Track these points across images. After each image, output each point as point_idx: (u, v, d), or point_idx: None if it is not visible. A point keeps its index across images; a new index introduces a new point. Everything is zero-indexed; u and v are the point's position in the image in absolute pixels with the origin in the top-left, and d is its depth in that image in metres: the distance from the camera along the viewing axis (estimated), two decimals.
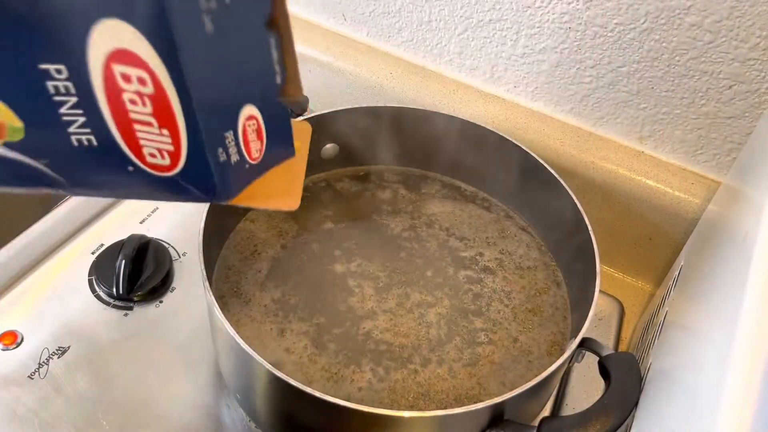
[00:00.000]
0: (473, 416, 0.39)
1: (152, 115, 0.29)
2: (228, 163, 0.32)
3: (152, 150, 0.30)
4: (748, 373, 0.26)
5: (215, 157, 0.31)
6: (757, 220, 0.33)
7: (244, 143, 0.33)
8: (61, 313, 0.54)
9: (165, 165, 0.31)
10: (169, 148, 0.30)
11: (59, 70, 0.28)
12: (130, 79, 0.28)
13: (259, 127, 0.34)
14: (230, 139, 0.32)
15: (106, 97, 0.29)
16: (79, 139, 0.30)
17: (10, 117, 0.29)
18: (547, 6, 0.58)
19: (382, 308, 0.50)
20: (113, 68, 0.28)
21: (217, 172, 0.31)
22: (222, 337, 0.43)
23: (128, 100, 0.29)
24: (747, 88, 0.54)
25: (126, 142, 0.30)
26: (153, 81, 0.28)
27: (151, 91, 0.28)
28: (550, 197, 0.53)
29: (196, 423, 0.49)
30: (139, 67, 0.28)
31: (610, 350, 0.43)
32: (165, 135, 0.30)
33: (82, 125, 0.30)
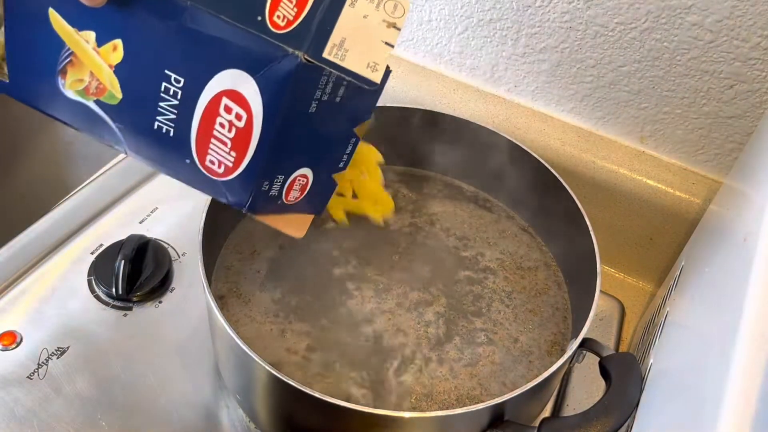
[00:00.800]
0: (474, 417, 0.39)
1: (231, 139, 0.36)
2: (266, 194, 0.38)
3: (214, 159, 0.37)
4: (749, 373, 0.26)
5: (260, 186, 0.38)
6: (759, 220, 0.33)
7: (287, 189, 0.40)
8: (60, 313, 0.54)
9: (217, 172, 0.37)
10: (229, 164, 0.37)
11: (178, 80, 0.35)
12: (230, 111, 0.35)
13: (305, 185, 0.41)
14: (279, 181, 0.39)
15: (203, 112, 0.35)
16: (161, 125, 0.36)
17: (116, 89, 0.36)
18: (547, 5, 0.58)
19: (382, 308, 0.50)
20: (222, 99, 0.35)
21: (254, 196, 0.38)
22: (222, 337, 0.43)
23: (219, 122, 0.35)
24: (748, 87, 0.54)
25: (197, 145, 0.37)
26: (248, 121, 0.35)
27: (242, 126, 0.35)
28: (551, 197, 0.53)
29: (196, 423, 0.49)
30: (242, 107, 0.35)
31: (610, 351, 0.43)
32: (231, 155, 0.36)
33: (169, 120, 0.36)
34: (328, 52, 0.34)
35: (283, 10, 0.33)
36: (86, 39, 0.35)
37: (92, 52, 0.35)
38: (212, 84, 0.34)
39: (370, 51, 0.35)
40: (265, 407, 0.45)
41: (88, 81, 0.36)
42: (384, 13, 0.36)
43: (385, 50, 0.36)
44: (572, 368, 0.56)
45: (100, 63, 0.35)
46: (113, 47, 0.35)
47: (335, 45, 0.34)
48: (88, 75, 0.36)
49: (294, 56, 0.33)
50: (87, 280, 0.56)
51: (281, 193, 0.39)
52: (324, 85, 0.35)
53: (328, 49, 0.34)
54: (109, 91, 0.36)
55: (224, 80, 0.34)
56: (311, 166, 0.40)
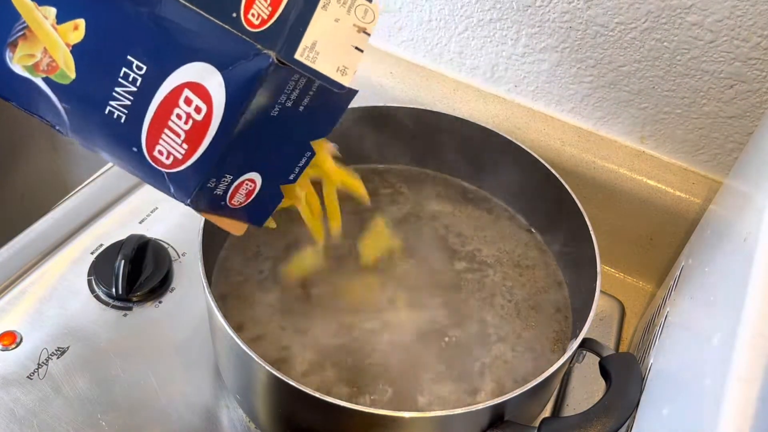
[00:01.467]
0: (474, 417, 0.39)
1: (186, 131, 0.35)
2: (211, 191, 0.38)
3: (163, 150, 0.36)
4: (749, 373, 0.26)
5: (206, 182, 0.37)
6: (759, 220, 0.33)
7: (233, 191, 0.39)
8: (60, 313, 0.54)
9: (164, 163, 0.36)
10: (178, 156, 0.36)
11: (141, 67, 0.34)
12: (190, 104, 0.34)
13: (252, 190, 0.40)
14: (226, 181, 0.38)
15: (161, 102, 0.34)
16: (112, 110, 0.35)
17: (71, 69, 0.35)
18: (547, 5, 0.58)
19: (385, 307, 0.50)
20: (184, 90, 0.34)
21: (198, 191, 0.37)
22: (222, 338, 0.43)
23: (176, 113, 0.35)
24: (748, 87, 0.54)
25: (148, 134, 0.36)
26: (206, 115, 0.34)
27: (200, 119, 0.34)
28: (551, 197, 0.53)
29: (196, 423, 0.49)
30: (204, 100, 0.34)
31: (610, 351, 0.43)
32: (183, 148, 0.36)
33: (123, 106, 0.35)
34: (300, 53, 0.34)
35: (258, 8, 0.33)
36: (45, 15, 0.34)
37: (50, 28, 0.34)
38: (176, 75, 0.34)
39: (341, 55, 0.36)
40: (265, 407, 0.45)
41: (39, 57, 0.35)
42: (355, 17, 0.36)
43: (356, 55, 0.36)
44: (572, 368, 0.56)
45: (57, 40, 0.34)
46: (74, 26, 0.34)
47: (307, 47, 0.34)
48: (41, 51, 0.34)
49: (266, 55, 0.33)
50: (87, 280, 0.56)
51: (226, 195, 0.39)
52: (291, 89, 0.35)
53: (300, 51, 0.34)
54: (62, 69, 0.35)
55: (190, 72, 0.33)
56: (261, 172, 0.39)
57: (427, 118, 0.58)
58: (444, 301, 0.51)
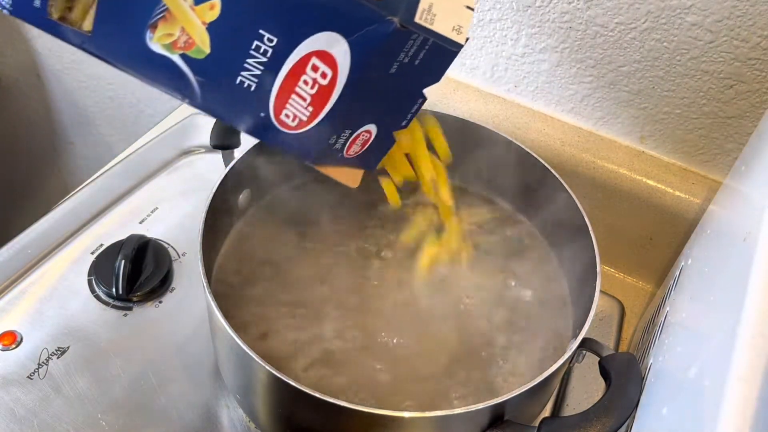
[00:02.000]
0: (473, 416, 0.39)
1: (312, 95, 0.38)
2: (331, 147, 0.41)
3: (290, 113, 0.39)
4: (749, 373, 0.26)
5: (327, 140, 0.40)
6: (758, 220, 0.33)
7: (350, 143, 0.42)
8: (60, 313, 0.54)
9: (290, 125, 0.40)
10: (303, 119, 0.39)
11: (271, 39, 0.37)
12: (317, 70, 0.37)
13: (367, 141, 0.43)
14: (345, 136, 0.41)
15: (290, 70, 0.38)
16: (243, 80, 0.39)
17: (206, 44, 0.38)
18: (547, 5, 0.58)
19: (386, 309, 0.50)
20: (312, 58, 0.37)
21: (320, 150, 0.41)
22: (222, 338, 0.43)
23: (303, 80, 0.38)
24: (748, 87, 0.54)
25: (276, 100, 0.39)
26: (332, 80, 0.38)
27: (325, 83, 0.38)
28: (551, 197, 0.53)
29: (196, 423, 0.49)
30: (330, 67, 0.37)
31: (610, 350, 0.43)
32: (308, 110, 0.39)
33: (254, 75, 0.38)
34: (419, 16, 0.36)
35: None
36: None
37: (188, 9, 0.36)
38: (305, 45, 0.37)
39: (455, 15, 0.38)
40: (265, 407, 0.45)
41: (177, 35, 0.37)
42: None
43: (467, 14, 0.38)
44: (572, 368, 0.56)
45: (194, 20, 0.37)
46: (210, 6, 0.36)
47: (425, 10, 0.36)
48: (179, 30, 0.37)
49: (390, 21, 0.35)
50: (87, 280, 0.56)
51: (344, 147, 0.42)
52: (409, 48, 0.37)
53: (419, 14, 0.36)
54: (197, 46, 0.38)
55: (317, 41, 0.36)
56: (377, 123, 0.42)
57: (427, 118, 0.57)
58: (443, 301, 0.51)
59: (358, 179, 0.46)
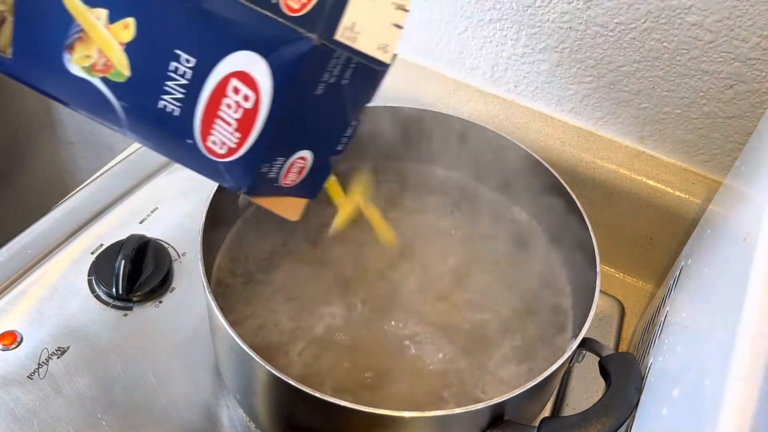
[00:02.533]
0: (473, 416, 0.39)
1: (237, 120, 0.36)
2: (265, 176, 0.38)
3: (217, 139, 0.37)
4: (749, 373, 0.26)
5: (260, 168, 0.38)
6: (758, 220, 0.33)
7: (286, 171, 0.40)
8: (60, 313, 0.54)
9: (219, 153, 0.37)
10: (232, 145, 0.37)
11: (189, 60, 0.35)
12: (238, 92, 0.35)
13: (303, 167, 0.41)
14: (278, 163, 0.39)
15: (211, 93, 0.35)
16: (165, 105, 0.36)
17: (124, 67, 0.36)
18: (547, 5, 0.58)
19: (387, 307, 0.50)
20: (231, 79, 0.35)
21: (254, 178, 0.38)
22: (222, 337, 0.43)
23: (226, 103, 0.35)
24: (748, 87, 0.54)
25: (201, 125, 0.37)
26: (255, 103, 0.35)
27: (249, 107, 0.35)
28: (551, 197, 0.53)
29: (196, 423, 0.49)
30: (251, 88, 0.35)
31: (610, 350, 0.43)
32: (235, 136, 0.36)
33: (176, 99, 0.36)
34: (341, 34, 0.34)
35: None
36: (97, 16, 0.35)
37: (103, 29, 0.35)
38: (223, 65, 0.35)
39: (381, 33, 0.36)
40: (265, 407, 0.45)
41: (95, 58, 0.36)
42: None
43: (395, 32, 0.37)
44: (572, 368, 0.56)
45: (111, 40, 0.35)
46: (125, 25, 0.35)
47: (347, 27, 0.35)
48: (96, 52, 0.36)
49: (308, 39, 0.33)
50: (87, 280, 0.56)
51: (279, 176, 0.39)
52: (333, 66, 0.35)
53: (341, 32, 0.34)
54: (117, 68, 0.36)
55: (235, 61, 0.34)
56: (312, 149, 0.40)
57: (427, 118, 0.58)
58: (443, 300, 0.51)
59: (299, 211, 0.44)
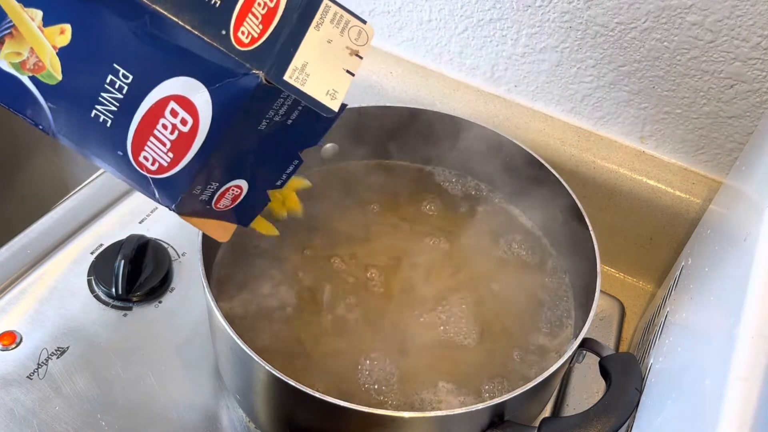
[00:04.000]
0: (474, 416, 0.39)
1: (172, 141, 0.35)
2: (196, 197, 0.38)
3: (149, 156, 0.36)
4: (749, 373, 0.26)
5: (191, 188, 0.37)
6: (759, 220, 0.33)
7: (219, 196, 0.39)
8: (60, 313, 0.54)
9: (150, 169, 0.37)
10: (164, 164, 0.36)
11: (127, 76, 0.34)
12: (176, 115, 0.34)
13: (237, 196, 0.40)
14: (212, 188, 0.38)
15: (147, 111, 0.34)
16: (98, 114, 0.35)
17: (57, 71, 0.34)
18: (547, 5, 0.58)
19: (386, 307, 0.50)
20: (170, 102, 0.34)
21: (183, 198, 0.37)
22: (221, 338, 0.43)
23: (162, 123, 0.35)
24: (748, 87, 0.54)
25: (134, 140, 0.36)
26: (192, 127, 0.34)
27: (185, 131, 0.34)
28: (551, 197, 0.53)
29: (196, 423, 0.49)
30: (190, 113, 0.34)
31: (610, 351, 0.43)
32: (168, 156, 0.35)
33: (109, 111, 0.35)
34: (290, 75, 0.33)
35: (249, 26, 0.33)
36: (32, 16, 0.34)
37: (36, 30, 0.34)
38: (162, 87, 0.34)
39: (332, 78, 0.35)
40: (265, 407, 0.45)
41: (26, 56, 0.35)
42: (348, 39, 0.36)
43: (346, 79, 0.35)
44: (572, 368, 0.56)
45: (44, 42, 0.34)
46: (60, 30, 0.34)
47: (297, 68, 0.34)
48: (28, 50, 0.34)
49: (255, 76, 0.32)
50: (87, 280, 0.56)
51: (211, 200, 0.39)
52: (279, 106, 0.34)
53: (290, 72, 0.33)
54: (48, 70, 0.35)
55: (176, 85, 0.33)
56: (248, 180, 0.39)
57: (427, 118, 0.58)
58: (443, 301, 0.51)
59: (229, 234, 0.42)
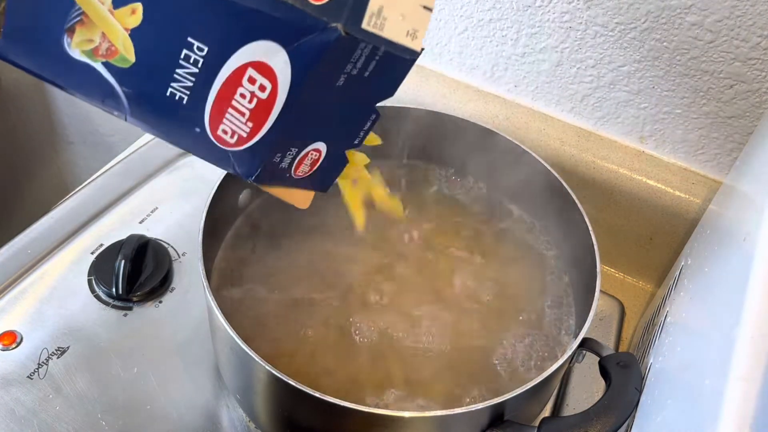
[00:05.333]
0: (473, 416, 0.39)
1: (250, 110, 0.34)
2: (276, 166, 0.37)
3: (227, 129, 0.35)
4: (749, 373, 0.26)
5: (272, 157, 0.36)
6: (758, 220, 0.33)
7: (298, 162, 0.38)
8: (60, 313, 0.54)
9: (228, 142, 0.36)
10: (243, 135, 0.35)
11: (202, 48, 0.33)
12: (254, 83, 0.33)
13: (316, 161, 0.39)
14: (291, 154, 0.37)
15: (224, 82, 0.34)
16: (174, 92, 0.35)
17: (130, 53, 0.34)
18: (547, 5, 0.58)
19: (389, 307, 0.50)
20: (247, 69, 0.33)
21: (264, 168, 0.36)
22: (221, 337, 0.43)
23: (240, 93, 0.34)
24: (748, 87, 0.54)
25: (211, 114, 0.35)
26: (271, 93, 0.33)
27: (264, 97, 0.34)
28: (551, 197, 0.53)
29: (196, 423, 0.49)
30: (269, 79, 0.33)
31: (610, 350, 0.43)
32: (248, 126, 0.35)
33: (185, 87, 0.34)
34: (367, 22, 0.32)
35: None
36: (101, 0, 0.33)
37: (107, 13, 0.33)
38: (239, 55, 0.33)
39: (410, 17, 0.34)
40: (265, 407, 0.45)
41: (98, 42, 0.34)
42: None
43: (425, 15, 0.34)
44: (572, 368, 0.56)
45: (115, 25, 0.33)
46: (131, 11, 0.33)
47: (373, 14, 0.32)
48: (99, 36, 0.34)
49: (333, 29, 0.31)
50: (87, 280, 0.56)
51: (291, 167, 0.38)
52: (357, 58, 0.33)
53: (367, 19, 0.32)
54: (121, 54, 0.34)
55: (253, 51, 0.33)
56: (326, 141, 0.38)
57: (427, 118, 0.58)
58: (443, 300, 0.51)
59: (309, 200, 0.42)
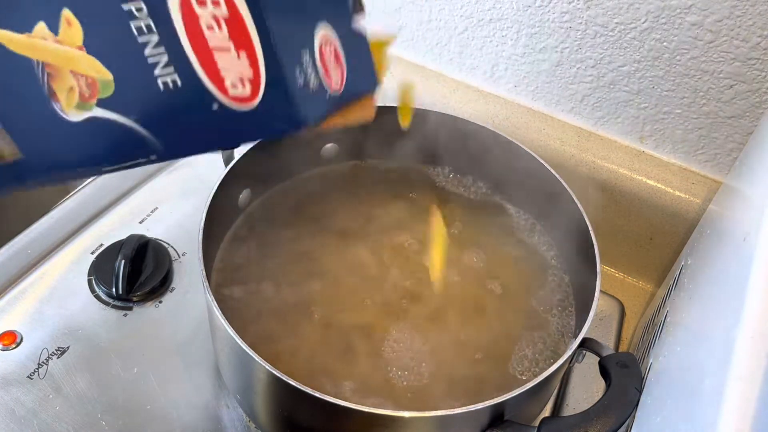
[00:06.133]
0: (473, 416, 0.39)
1: (229, 39, 0.30)
2: (308, 89, 0.32)
3: (233, 79, 0.31)
4: (749, 373, 0.26)
5: (293, 78, 0.31)
6: (758, 220, 0.33)
7: (323, 67, 0.33)
8: (60, 313, 0.54)
9: (246, 95, 0.31)
10: (248, 74, 0.31)
11: (139, 8, 0.29)
12: (204, 2, 0.29)
13: (336, 51, 0.34)
14: (309, 61, 0.32)
15: (184, 25, 0.30)
16: (165, 81, 0.31)
17: (101, 70, 0.31)
18: (547, 5, 0.58)
19: (389, 307, 0.50)
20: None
21: (297, 97, 0.31)
22: (221, 337, 0.43)
23: (205, 26, 0.29)
24: (748, 87, 0.54)
25: (207, 73, 0.31)
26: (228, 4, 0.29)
27: (224, 12, 0.29)
28: (551, 197, 0.53)
29: (196, 423, 0.49)
30: None
31: (610, 350, 0.43)
32: (243, 59, 0.30)
33: (165, 65, 0.31)
34: None
35: None
36: (42, 36, 0.30)
37: (55, 45, 0.30)
38: None
39: None
40: (265, 407, 0.45)
41: (75, 83, 0.31)
42: None
43: None
44: (572, 368, 0.56)
45: (70, 51, 0.31)
46: (68, 23, 0.30)
47: None
48: (71, 76, 0.31)
49: None
50: (87, 280, 0.56)
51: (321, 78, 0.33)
52: None
53: None
54: (98, 78, 0.31)
55: None
56: (328, 20, 0.33)
57: (427, 118, 0.58)
58: (442, 300, 0.51)
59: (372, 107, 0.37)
